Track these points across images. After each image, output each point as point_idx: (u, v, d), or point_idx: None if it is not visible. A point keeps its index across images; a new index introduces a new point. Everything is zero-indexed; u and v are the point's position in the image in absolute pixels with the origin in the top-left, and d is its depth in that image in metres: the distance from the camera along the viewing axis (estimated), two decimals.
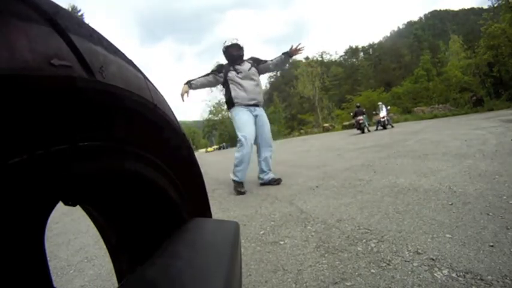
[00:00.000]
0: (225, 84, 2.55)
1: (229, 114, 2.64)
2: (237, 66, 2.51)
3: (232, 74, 2.49)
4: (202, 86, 2.54)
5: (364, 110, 12.02)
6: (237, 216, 1.69)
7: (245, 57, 2.62)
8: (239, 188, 2.39)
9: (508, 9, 16.98)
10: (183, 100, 2.41)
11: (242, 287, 0.42)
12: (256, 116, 2.53)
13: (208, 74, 2.56)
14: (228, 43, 2.54)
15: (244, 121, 2.43)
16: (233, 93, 2.50)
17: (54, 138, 0.20)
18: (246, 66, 2.53)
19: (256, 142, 2.57)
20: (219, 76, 2.55)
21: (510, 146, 2.54)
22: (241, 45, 2.55)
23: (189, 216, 0.40)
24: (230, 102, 2.53)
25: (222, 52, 2.60)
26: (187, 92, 2.43)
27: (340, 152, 4.63)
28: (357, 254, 0.97)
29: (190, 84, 2.46)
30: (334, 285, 0.81)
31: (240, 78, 2.47)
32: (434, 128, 7.06)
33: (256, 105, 2.53)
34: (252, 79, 2.51)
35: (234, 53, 2.51)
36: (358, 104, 13.24)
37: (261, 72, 2.65)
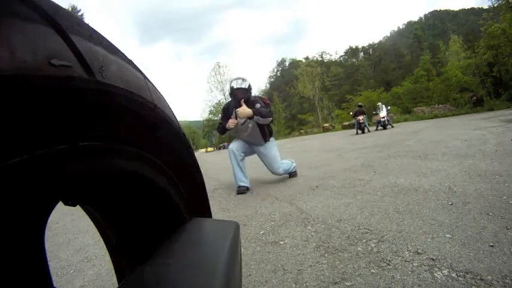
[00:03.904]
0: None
1: None
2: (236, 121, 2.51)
3: (234, 117, 2.49)
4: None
5: (365, 110, 11.94)
6: (237, 216, 1.69)
7: (253, 93, 2.62)
8: (240, 189, 2.44)
9: (508, 9, 16.93)
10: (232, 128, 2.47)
11: (242, 287, 0.42)
12: (252, 149, 2.67)
13: (221, 123, 2.60)
14: (234, 85, 2.53)
15: (235, 140, 2.70)
16: (235, 132, 2.60)
17: (54, 138, 0.20)
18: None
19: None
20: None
21: (510, 146, 2.54)
22: (248, 88, 2.53)
23: (189, 216, 0.40)
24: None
25: (228, 91, 2.62)
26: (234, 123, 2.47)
27: (340, 152, 4.63)
28: (357, 254, 0.97)
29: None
30: (334, 285, 0.81)
31: (241, 124, 2.49)
32: (434, 128, 7.06)
33: (255, 144, 2.64)
34: (247, 130, 2.53)
35: (239, 96, 2.48)
36: (360, 104, 12.97)
37: None
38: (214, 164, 6.84)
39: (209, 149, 36.76)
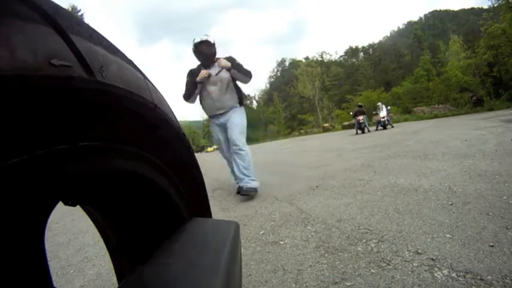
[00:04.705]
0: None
1: None
2: (209, 70, 2.26)
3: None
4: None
5: (365, 109, 11.90)
6: (237, 216, 1.69)
7: (224, 56, 2.37)
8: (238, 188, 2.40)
9: (508, 9, 16.94)
10: (205, 76, 2.20)
11: (242, 287, 0.42)
12: (222, 124, 2.37)
13: (187, 85, 2.31)
14: (197, 40, 2.29)
15: (214, 133, 2.46)
16: (202, 101, 2.36)
17: (54, 138, 0.20)
18: (216, 69, 2.27)
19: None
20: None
21: (510, 146, 2.54)
22: (212, 42, 2.28)
23: (189, 216, 0.40)
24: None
25: (192, 52, 2.33)
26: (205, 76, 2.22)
27: (340, 152, 4.63)
28: (357, 254, 0.97)
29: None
30: (334, 285, 0.81)
31: (207, 83, 2.24)
32: (434, 128, 7.06)
33: (224, 113, 2.33)
34: (217, 84, 2.25)
35: (204, 50, 2.27)
36: (360, 104, 12.93)
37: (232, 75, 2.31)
38: (214, 164, 6.83)
39: (209, 149, 36.77)
